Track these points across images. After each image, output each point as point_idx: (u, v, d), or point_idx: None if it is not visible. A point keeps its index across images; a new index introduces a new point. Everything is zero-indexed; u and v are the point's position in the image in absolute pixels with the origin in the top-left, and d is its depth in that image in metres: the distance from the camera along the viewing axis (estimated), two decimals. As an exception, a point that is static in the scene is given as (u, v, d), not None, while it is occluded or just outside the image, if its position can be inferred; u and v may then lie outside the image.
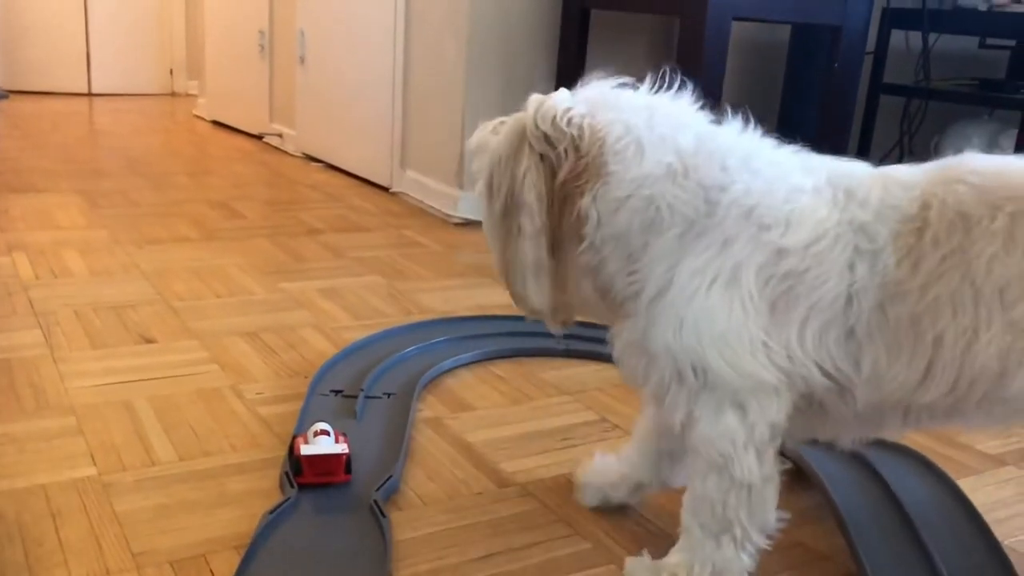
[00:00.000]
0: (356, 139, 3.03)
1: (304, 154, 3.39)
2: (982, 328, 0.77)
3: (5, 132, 3.59)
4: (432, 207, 2.60)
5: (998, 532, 1.03)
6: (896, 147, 2.96)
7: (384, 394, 1.32)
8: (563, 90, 0.91)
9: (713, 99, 2.13)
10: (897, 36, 2.85)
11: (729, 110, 0.93)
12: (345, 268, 2.00)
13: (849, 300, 0.80)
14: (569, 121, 0.86)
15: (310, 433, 1.09)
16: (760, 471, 0.85)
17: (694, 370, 0.83)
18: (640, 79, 0.94)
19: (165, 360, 1.43)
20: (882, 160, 2.93)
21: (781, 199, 0.83)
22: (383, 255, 2.12)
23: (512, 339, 1.56)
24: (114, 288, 1.76)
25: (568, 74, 2.41)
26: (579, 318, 0.97)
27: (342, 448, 1.07)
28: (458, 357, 1.47)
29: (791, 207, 0.82)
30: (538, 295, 0.90)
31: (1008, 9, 2.60)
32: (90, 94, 5.16)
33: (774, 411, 0.83)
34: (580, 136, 0.86)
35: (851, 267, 0.80)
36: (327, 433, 1.09)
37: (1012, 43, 2.91)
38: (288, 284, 1.86)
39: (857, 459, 1.15)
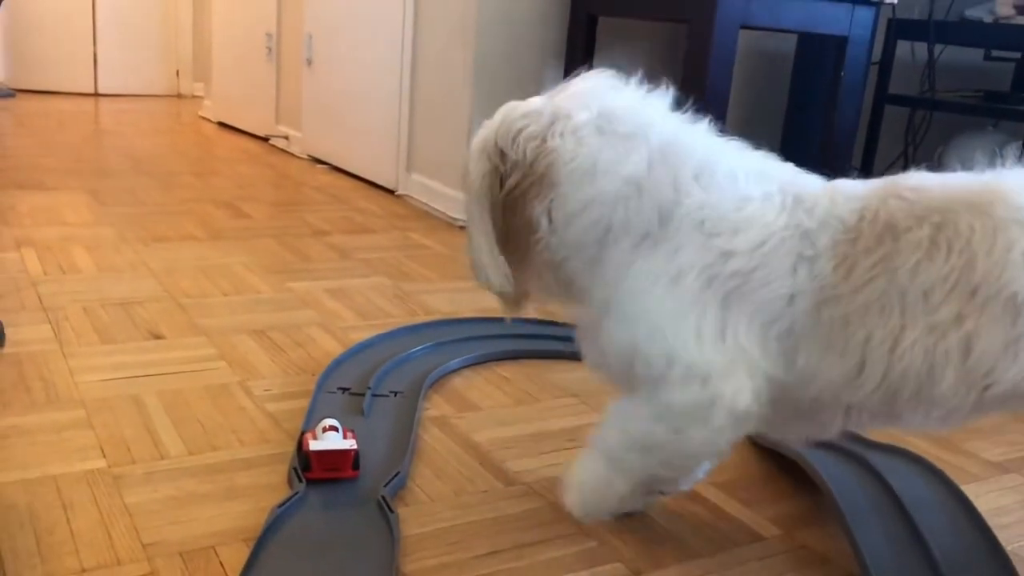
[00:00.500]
0: (362, 142, 3.04)
1: (310, 156, 3.41)
2: (908, 329, 0.83)
3: (12, 130, 3.61)
4: (437, 210, 2.61)
5: (1001, 538, 1.04)
6: (900, 158, 2.97)
7: (391, 392, 1.33)
8: (538, 98, 0.96)
9: (719, 106, 2.14)
10: (903, 47, 2.86)
11: (686, 107, 0.97)
12: (351, 269, 2.01)
13: (790, 300, 0.87)
14: (527, 137, 0.92)
15: (319, 429, 1.10)
16: (707, 449, 0.92)
17: (643, 361, 0.90)
18: (644, 85, 0.97)
19: (173, 356, 1.44)
20: (886, 171, 2.95)
21: (731, 208, 0.89)
22: (389, 257, 2.13)
23: (517, 341, 1.57)
24: (122, 285, 1.77)
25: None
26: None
27: (350, 444, 1.08)
28: (464, 357, 1.48)
29: (739, 215, 0.88)
30: (494, 277, 0.97)
31: (1014, 21, 2.62)
32: (96, 94, 5.19)
33: (730, 395, 0.87)
34: (532, 158, 0.91)
35: (794, 270, 0.87)
36: (335, 429, 1.10)
37: (1017, 55, 2.93)
38: (295, 284, 1.87)
39: (860, 462, 1.16)
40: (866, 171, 2.85)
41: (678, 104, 0.98)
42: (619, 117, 0.93)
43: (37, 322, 1.53)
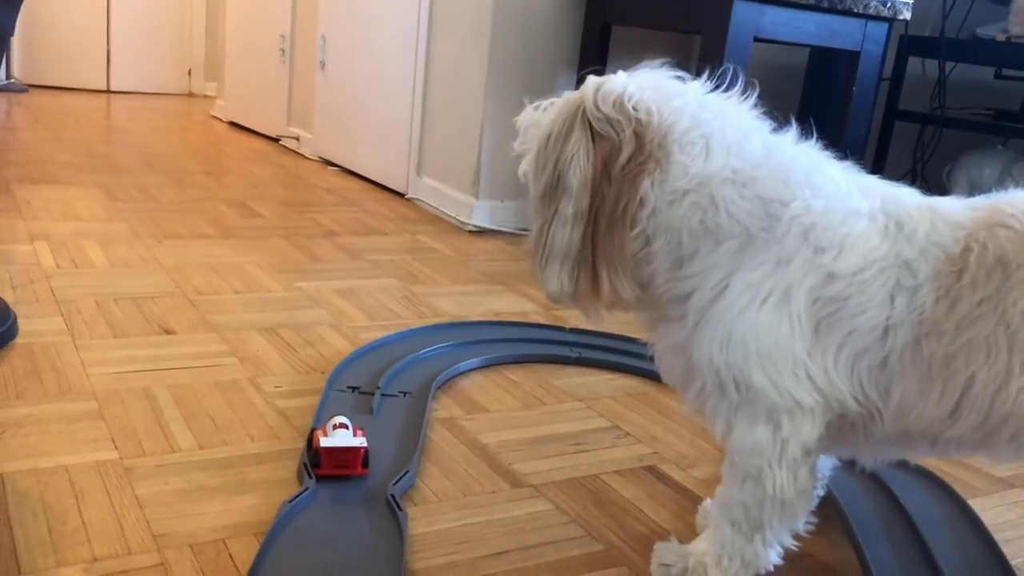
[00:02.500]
0: (373, 145, 3.05)
1: (320, 158, 3.42)
2: (1015, 373, 0.78)
3: (26, 126, 3.63)
4: (447, 214, 2.62)
5: (1005, 552, 1.04)
6: (909, 174, 2.98)
7: (400, 392, 1.33)
8: (621, 73, 0.88)
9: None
10: (914, 63, 2.87)
11: (791, 121, 0.92)
12: (361, 270, 2.02)
13: (886, 332, 0.81)
14: (636, 105, 0.84)
15: (329, 426, 1.11)
16: (794, 487, 0.86)
17: (736, 385, 0.83)
18: (691, 73, 0.92)
19: (184, 351, 1.45)
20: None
21: (839, 221, 0.83)
22: (398, 259, 2.14)
23: (526, 345, 1.58)
24: (134, 280, 1.78)
25: (587, 88, 2.44)
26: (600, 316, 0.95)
27: (360, 442, 1.08)
28: (472, 360, 1.48)
29: (847, 231, 0.82)
30: (557, 281, 0.88)
31: (1025, 41, 2.63)
32: (108, 91, 5.21)
33: (807, 432, 0.83)
34: (647, 122, 0.84)
35: (891, 300, 0.81)
36: (345, 427, 1.11)
37: (1028, 75, 2.94)
38: (305, 283, 1.88)
39: (868, 474, 1.17)
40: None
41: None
42: (724, 109, 0.88)
43: (50, 314, 1.55)
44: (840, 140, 2.32)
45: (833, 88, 2.68)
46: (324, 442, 1.07)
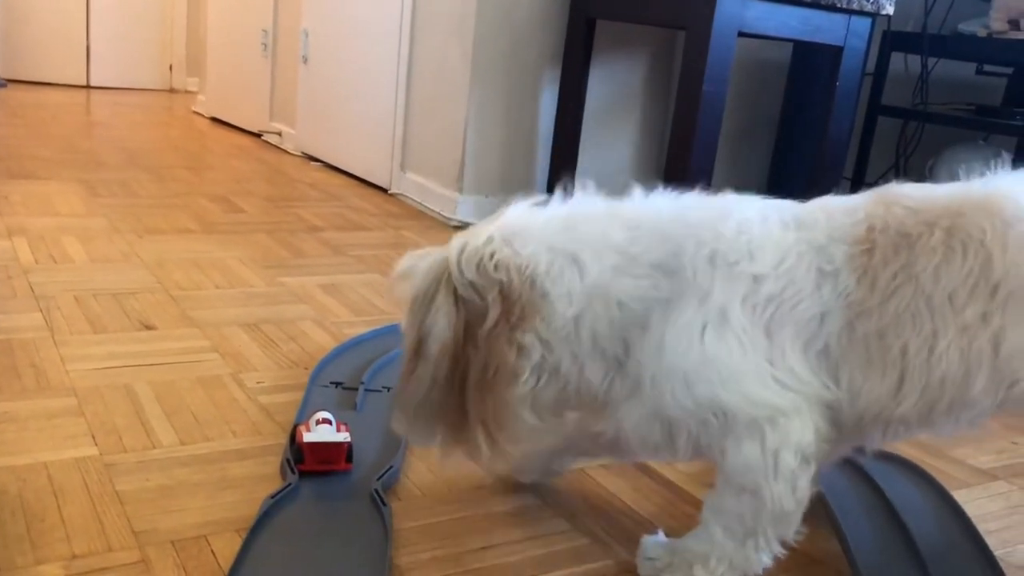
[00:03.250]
0: (357, 140, 3.04)
1: (303, 153, 3.40)
2: (940, 335, 0.82)
3: (4, 120, 3.59)
4: (431, 209, 2.61)
5: (988, 543, 1.04)
6: (892, 169, 2.99)
7: (384, 388, 1.33)
8: (483, 227, 0.90)
9: (715, 113, 2.15)
10: (896, 59, 2.88)
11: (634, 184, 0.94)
12: (345, 265, 2.01)
13: (823, 319, 0.84)
14: (496, 266, 0.85)
15: (312, 421, 1.10)
16: (793, 498, 0.85)
17: (714, 415, 0.84)
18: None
19: (165, 347, 1.44)
20: (877, 182, 2.97)
21: (735, 235, 0.86)
22: (382, 254, 2.13)
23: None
24: (114, 275, 1.76)
25: (572, 82, 2.44)
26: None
27: (344, 437, 1.08)
28: (458, 355, 1.47)
29: (747, 238, 0.85)
30: (418, 436, 0.92)
31: (1007, 36, 2.64)
32: (88, 86, 5.16)
33: (797, 435, 0.83)
34: (510, 280, 0.85)
35: (819, 287, 0.84)
36: (329, 422, 1.10)
37: (1009, 70, 2.96)
38: (288, 278, 1.86)
39: (852, 466, 1.17)
40: (857, 181, 2.86)
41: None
42: (575, 215, 0.90)
43: (28, 310, 1.53)
44: (823, 135, 2.32)
45: (816, 83, 2.69)
46: (307, 437, 1.06)
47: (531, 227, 0.89)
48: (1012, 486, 1.26)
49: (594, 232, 0.88)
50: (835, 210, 0.88)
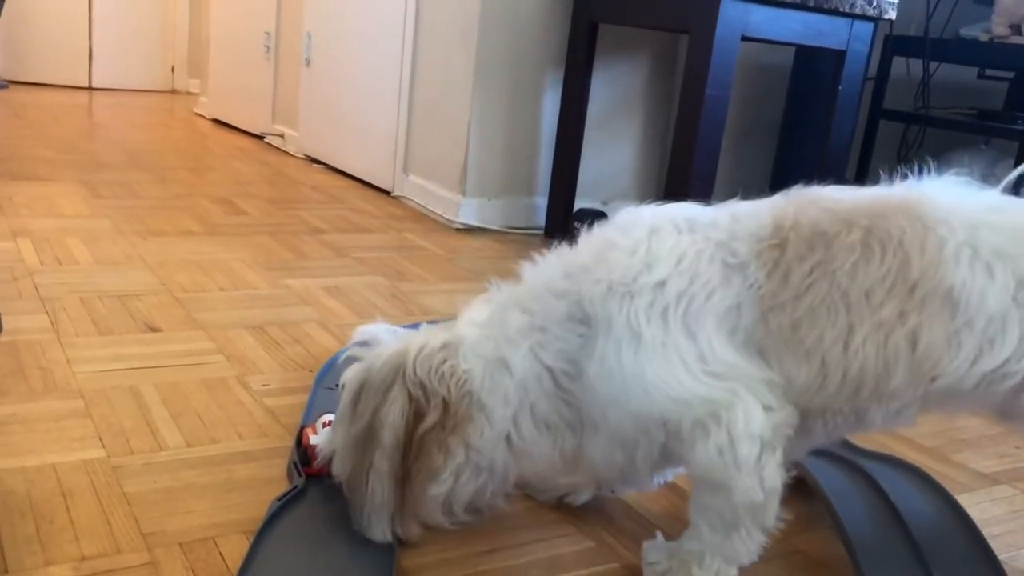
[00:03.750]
0: (359, 142, 3.04)
1: (305, 155, 3.41)
2: (856, 327, 0.84)
3: (7, 121, 3.59)
4: (434, 212, 2.62)
5: (992, 548, 1.05)
6: (893, 173, 3.00)
7: (389, 390, 1.33)
8: (441, 331, 0.97)
9: (718, 117, 2.15)
10: (898, 63, 2.89)
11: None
12: (348, 267, 2.01)
13: (738, 310, 0.87)
14: (441, 377, 0.92)
15: (318, 424, 1.10)
16: (762, 488, 0.86)
17: (656, 427, 0.88)
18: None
19: (170, 349, 1.44)
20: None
21: (625, 257, 0.89)
22: (385, 256, 2.14)
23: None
24: (118, 277, 1.77)
25: (574, 86, 2.44)
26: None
27: (351, 439, 1.08)
28: (462, 358, 1.48)
29: (640, 255, 0.88)
30: (382, 532, 0.95)
31: (1008, 41, 2.65)
32: (90, 88, 5.17)
33: (743, 422, 0.84)
34: (451, 392, 0.91)
35: (727, 280, 0.87)
36: (336, 424, 1.10)
37: (1010, 75, 2.96)
38: (291, 280, 1.87)
39: (856, 470, 1.17)
40: (859, 185, 2.87)
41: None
42: (494, 311, 0.96)
43: (34, 311, 1.53)
44: (826, 139, 2.33)
45: (818, 87, 2.70)
46: (314, 440, 1.07)
47: (470, 338, 0.95)
48: (1015, 490, 1.27)
49: (504, 325, 0.94)
50: (739, 211, 0.91)
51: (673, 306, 0.86)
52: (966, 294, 0.84)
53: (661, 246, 0.88)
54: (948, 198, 0.88)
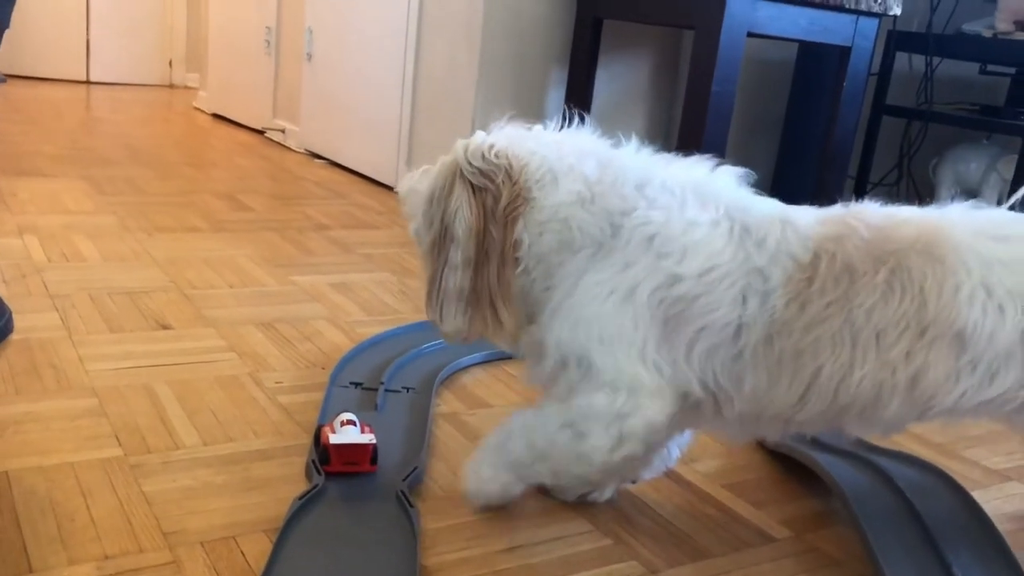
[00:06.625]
0: (362, 137, 3.04)
1: (307, 150, 3.40)
2: (857, 364, 0.89)
3: (7, 116, 3.58)
4: (438, 208, 2.61)
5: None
6: (895, 168, 3.00)
7: (403, 388, 1.33)
8: (480, 132, 1.00)
9: (723, 113, 2.15)
10: (901, 59, 2.89)
11: (624, 135, 1.01)
12: (354, 264, 2.01)
13: (739, 329, 0.90)
14: (497, 154, 0.95)
15: (336, 423, 1.11)
16: (607, 455, 0.93)
17: (578, 361, 0.93)
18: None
19: (182, 346, 1.44)
20: (881, 181, 2.98)
21: (679, 231, 0.92)
22: (391, 252, 2.14)
23: (525, 340, 1.58)
24: (127, 274, 1.76)
25: (578, 81, 2.44)
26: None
27: (369, 439, 1.08)
28: (474, 355, 1.48)
29: (688, 239, 0.91)
30: (453, 322, 0.98)
31: (1011, 37, 2.65)
32: (88, 82, 5.15)
33: (654, 411, 0.92)
34: (510, 166, 0.95)
35: (743, 301, 0.90)
36: (353, 423, 1.10)
37: (1012, 71, 2.97)
38: (299, 277, 1.87)
39: (871, 466, 1.18)
40: (861, 180, 2.87)
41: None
42: (563, 140, 0.99)
43: (44, 309, 1.53)
44: (829, 135, 2.33)
45: (822, 83, 2.70)
46: (333, 439, 1.07)
47: (526, 134, 0.99)
48: (1026, 487, 1.27)
49: (571, 158, 0.96)
50: (791, 228, 0.92)
51: (669, 303, 0.91)
52: (976, 335, 0.87)
53: (705, 245, 0.91)
54: (966, 233, 0.91)
